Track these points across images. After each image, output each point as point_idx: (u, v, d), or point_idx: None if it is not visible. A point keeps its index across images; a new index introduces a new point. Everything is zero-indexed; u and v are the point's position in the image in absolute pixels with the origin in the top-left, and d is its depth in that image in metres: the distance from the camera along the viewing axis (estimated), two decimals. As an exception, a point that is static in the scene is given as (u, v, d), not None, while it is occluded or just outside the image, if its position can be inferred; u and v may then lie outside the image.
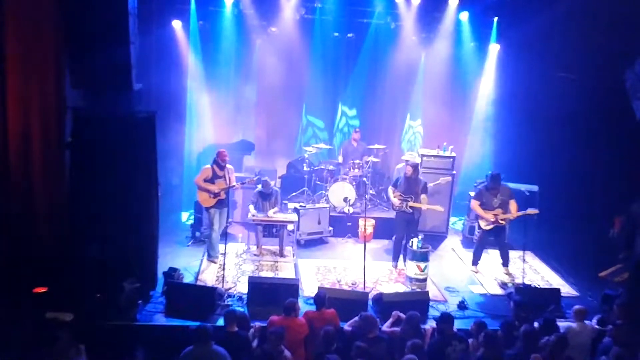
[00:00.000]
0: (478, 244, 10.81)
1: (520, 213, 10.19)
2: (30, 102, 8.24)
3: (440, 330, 7.34)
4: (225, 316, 7.43)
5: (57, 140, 8.45)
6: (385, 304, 8.65)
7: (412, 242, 9.81)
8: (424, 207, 10.36)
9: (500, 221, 10.23)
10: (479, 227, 10.67)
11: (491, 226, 10.34)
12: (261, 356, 6.81)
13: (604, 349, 7.29)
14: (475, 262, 10.81)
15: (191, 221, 11.78)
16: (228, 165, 10.31)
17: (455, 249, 11.92)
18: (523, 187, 11.69)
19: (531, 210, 10.28)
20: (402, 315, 7.85)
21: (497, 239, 10.56)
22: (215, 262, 10.29)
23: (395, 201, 10.44)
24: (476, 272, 10.69)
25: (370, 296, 9.00)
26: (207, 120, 13.66)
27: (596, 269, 10.56)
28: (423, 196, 10.34)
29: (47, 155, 8.43)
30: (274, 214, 10.76)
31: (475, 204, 10.47)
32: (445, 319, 7.43)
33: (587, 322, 7.86)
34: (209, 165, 10.27)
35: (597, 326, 8.01)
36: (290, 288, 8.76)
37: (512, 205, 10.26)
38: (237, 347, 7.06)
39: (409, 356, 6.54)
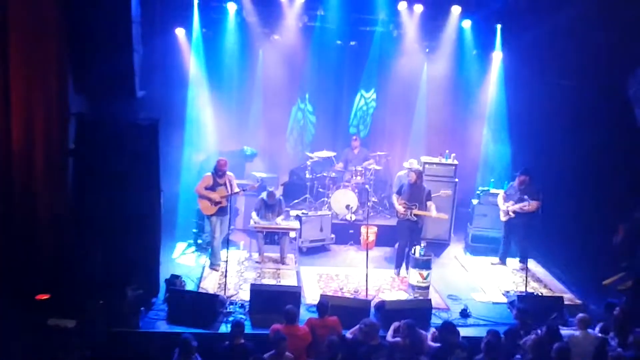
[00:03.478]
0: (502, 238, 11.36)
1: (517, 206, 10.71)
2: (33, 108, 8.25)
3: (443, 339, 7.31)
4: (232, 327, 7.40)
5: (60, 147, 8.45)
6: (387, 311, 8.63)
7: (415, 249, 9.80)
8: (434, 214, 10.34)
9: (510, 213, 10.76)
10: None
11: (505, 218, 10.91)
12: None
13: None
14: (501, 258, 11.38)
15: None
16: (229, 173, 10.31)
17: (457, 257, 11.89)
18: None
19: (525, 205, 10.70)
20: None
21: (511, 233, 11.12)
22: (217, 270, 10.28)
23: (400, 209, 10.42)
24: (495, 264, 11.28)
25: (373, 304, 8.98)
26: (210, 128, 13.65)
27: (599, 276, 10.53)
28: (430, 203, 10.34)
29: (50, 161, 8.42)
30: (281, 222, 10.76)
31: (499, 196, 11.21)
32: (449, 328, 7.42)
33: (590, 330, 7.82)
34: (209, 174, 10.26)
35: (599, 334, 7.97)
36: (292, 295, 8.74)
37: (532, 204, 10.61)
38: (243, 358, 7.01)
39: None
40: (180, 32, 12.81)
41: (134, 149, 8.62)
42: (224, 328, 8.22)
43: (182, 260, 10.78)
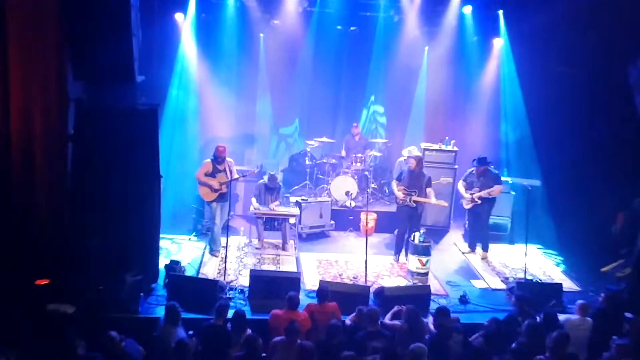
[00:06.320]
0: (467, 227, 11.36)
1: (484, 192, 10.59)
2: (32, 94, 8.21)
3: (439, 324, 7.33)
4: (216, 309, 7.45)
5: (59, 133, 8.43)
6: (386, 297, 8.65)
7: (414, 236, 9.81)
8: (433, 201, 10.34)
9: (477, 199, 10.66)
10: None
11: (470, 205, 10.81)
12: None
13: None
14: (470, 246, 11.35)
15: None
16: (228, 159, 10.30)
17: (457, 244, 11.91)
18: (525, 181, 11.67)
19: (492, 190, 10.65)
20: (404, 309, 7.86)
21: (476, 220, 11.02)
22: (217, 256, 10.30)
23: (400, 195, 10.42)
24: (467, 252, 11.24)
25: (372, 290, 9.00)
26: (209, 113, 13.61)
27: (598, 264, 10.57)
28: (430, 190, 10.34)
29: (50, 147, 8.40)
30: (276, 207, 10.76)
31: (460, 184, 11.00)
32: (442, 313, 7.45)
33: (588, 317, 7.82)
34: (209, 160, 10.25)
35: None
36: (292, 281, 8.76)
37: (495, 188, 10.61)
38: (220, 340, 7.06)
39: (417, 344, 6.55)
40: (179, 16, 12.74)
41: (133, 134, 8.60)
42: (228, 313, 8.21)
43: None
